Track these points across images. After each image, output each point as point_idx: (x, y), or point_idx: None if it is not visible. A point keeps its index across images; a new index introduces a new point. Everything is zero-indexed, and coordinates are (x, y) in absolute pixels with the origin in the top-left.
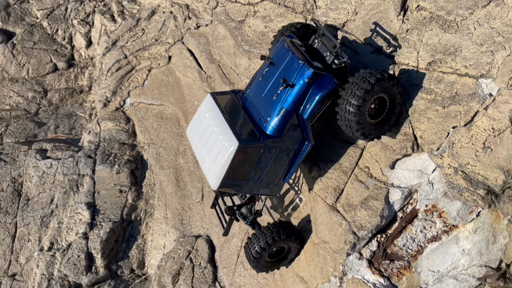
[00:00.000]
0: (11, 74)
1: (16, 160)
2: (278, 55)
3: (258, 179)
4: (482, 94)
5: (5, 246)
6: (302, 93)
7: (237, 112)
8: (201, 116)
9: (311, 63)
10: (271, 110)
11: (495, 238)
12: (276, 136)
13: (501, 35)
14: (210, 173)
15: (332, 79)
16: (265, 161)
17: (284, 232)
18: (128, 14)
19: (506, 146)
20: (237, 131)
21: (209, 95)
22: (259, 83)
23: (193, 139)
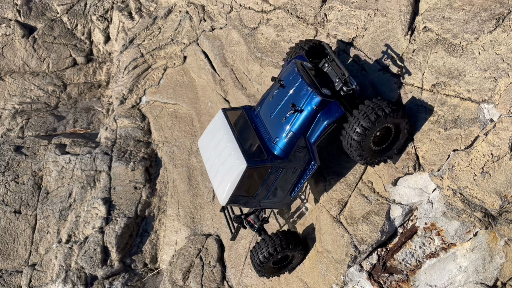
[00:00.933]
0: (32, 68)
1: (37, 154)
2: (288, 78)
3: (265, 196)
4: (483, 119)
5: (25, 237)
6: (309, 119)
7: (247, 130)
8: (212, 131)
9: (320, 90)
10: (279, 132)
11: (491, 258)
12: (284, 157)
13: (505, 62)
14: (219, 189)
15: (339, 107)
16: (272, 180)
17: (290, 241)
18: (145, 12)
19: (504, 172)
20: (246, 150)
21: (220, 111)
22: (270, 103)
23: (204, 153)
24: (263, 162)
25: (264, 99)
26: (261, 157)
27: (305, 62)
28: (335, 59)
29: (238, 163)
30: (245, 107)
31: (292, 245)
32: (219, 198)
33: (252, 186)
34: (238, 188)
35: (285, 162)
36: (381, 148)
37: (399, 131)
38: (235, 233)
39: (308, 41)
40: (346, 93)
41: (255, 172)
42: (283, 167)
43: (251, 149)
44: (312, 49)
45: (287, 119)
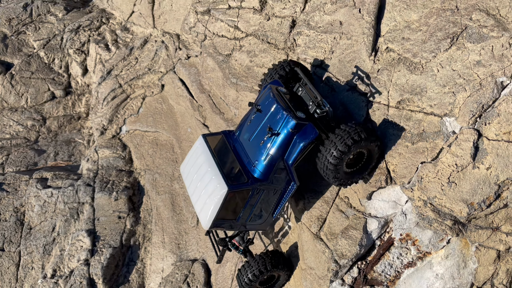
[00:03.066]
0: (11, 104)
1: (18, 190)
2: (264, 103)
3: (248, 218)
4: (446, 132)
5: (10, 275)
6: (286, 141)
7: (227, 155)
8: (193, 157)
9: (295, 114)
10: (258, 155)
11: (465, 264)
12: (263, 179)
13: (462, 77)
14: (201, 214)
15: (314, 129)
16: (253, 202)
17: (275, 262)
18: (121, 43)
19: (468, 181)
20: (227, 175)
21: (201, 137)
22: (248, 127)
23: (186, 179)
24: (243, 185)
25: (242, 124)
26: (241, 181)
27: (280, 87)
28: (308, 83)
29: (219, 187)
30: (224, 131)
31: (277, 265)
32: (202, 222)
33: (234, 209)
34: (220, 212)
35: (265, 184)
36: (353, 170)
37: (371, 154)
38: (220, 256)
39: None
40: (319, 115)
41: (236, 195)
42: (264, 189)
43: (232, 173)
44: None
45: (265, 142)
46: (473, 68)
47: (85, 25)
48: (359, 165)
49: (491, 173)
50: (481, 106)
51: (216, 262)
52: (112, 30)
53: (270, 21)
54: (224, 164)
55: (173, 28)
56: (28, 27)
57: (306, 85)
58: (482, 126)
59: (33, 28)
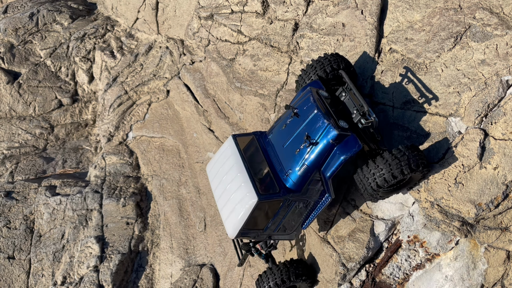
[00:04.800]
0: (19, 113)
1: (27, 198)
2: (303, 107)
3: (276, 228)
4: (452, 132)
5: (20, 282)
6: (325, 153)
7: (258, 159)
8: (222, 158)
9: (337, 123)
10: (292, 164)
11: (475, 265)
12: (296, 191)
13: (466, 77)
14: (228, 222)
15: (357, 142)
16: (283, 213)
17: (298, 272)
18: (126, 50)
19: (476, 181)
20: (257, 183)
21: (230, 137)
22: (282, 132)
23: (213, 181)
24: (274, 195)
25: (276, 127)
26: (272, 190)
27: (321, 90)
28: (353, 88)
29: (249, 196)
30: (256, 133)
31: (301, 275)
32: (228, 231)
33: (262, 220)
34: (248, 222)
35: (298, 196)
36: (391, 188)
37: (412, 180)
38: (242, 259)
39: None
40: (364, 126)
41: (265, 205)
42: (295, 200)
43: (262, 181)
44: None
45: (301, 151)
46: (478, 67)
47: (90, 33)
48: (399, 185)
49: (498, 173)
50: (486, 106)
51: (237, 265)
52: (117, 37)
53: (272, 25)
54: (254, 169)
55: (177, 34)
56: (35, 37)
57: (351, 90)
58: (488, 125)
59: (40, 37)
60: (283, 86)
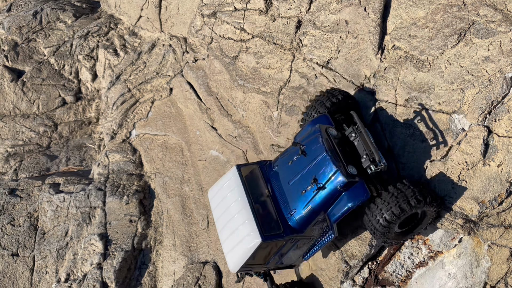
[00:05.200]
0: (23, 111)
1: (31, 196)
2: (311, 147)
3: (278, 262)
4: (456, 129)
5: (24, 279)
6: (332, 198)
7: (263, 193)
8: (225, 189)
9: (345, 169)
10: (297, 204)
11: (478, 262)
12: (300, 231)
13: (470, 74)
14: (229, 256)
15: (365, 190)
16: (285, 250)
17: None
18: (130, 48)
19: (479, 178)
20: (261, 221)
21: (234, 168)
22: (289, 168)
23: (215, 209)
24: (278, 236)
25: (282, 160)
26: (276, 231)
27: (330, 127)
28: (364, 132)
29: (252, 236)
30: (261, 162)
31: None
32: (229, 265)
33: (264, 256)
34: (250, 259)
35: (301, 235)
36: (404, 230)
37: (425, 216)
38: (240, 277)
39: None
40: (373, 172)
41: (268, 245)
42: (298, 239)
43: (266, 219)
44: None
45: (307, 192)
46: (482, 64)
47: (93, 31)
48: (411, 224)
49: (502, 170)
50: (490, 103)
51: (235, 282)
52: (120, 35)
53: (275, 22)
54: (258, 203)
55: (180, 32)
56: (38, 35)
57: (361, 132)
58: (492, 122)
59: (43, 35)
60: (286, 83)
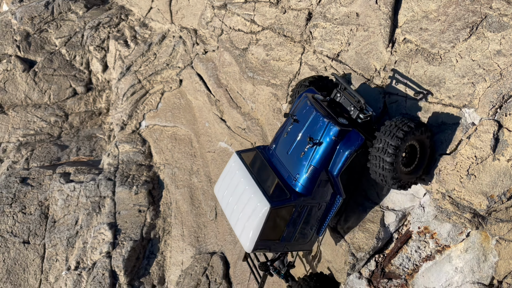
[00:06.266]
0: (34, 100)
1: (42, 184)
2: (301, 113)
3: (292, 237)
4: (465, 124)
5: (35, 266)
6: (330, 151)
7: (265, 170)
8: (228, 176)
9: (336, 120)
10: (299, 168)
11: (485, 257)
12: (307, 194)
13: (481, 67)
14: (242, 237)
15: (359, 135)
16: (297, 219)
17: (318, 285)
18: (140, 39)
19: (488, 173)
20: (267, 191)
21: (235, 154)
22: (285, 140)
23: (223, 200)
24: (286, 201)
25: (278, 137)
26: (283, 197)
27: (317, 94)
28: (347, 87)
29: (260, 205)
30: (259, 147)
31: None
32: (244, 245)
33: (277, 229)
34: (263, 232)
35: (309, 199)
36: (411, 169)
37: (424, 147)
38: (262, 282)
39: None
40: (363, 120)
41: (278, 213)
42: (307, 204)
43: (272, 190)
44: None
45: (305, 153)
46: (493, 57)
47: (104, 22)
48: (415, 162)
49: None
50: (501, 97)
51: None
52: (131, 26)
53: (286, 14)
54: (262, 180)
55: (190, 23)
56: (50, 25)
57: (345, 89)
58: (503, 117)
59: (55, 26)
60: (295, 76)
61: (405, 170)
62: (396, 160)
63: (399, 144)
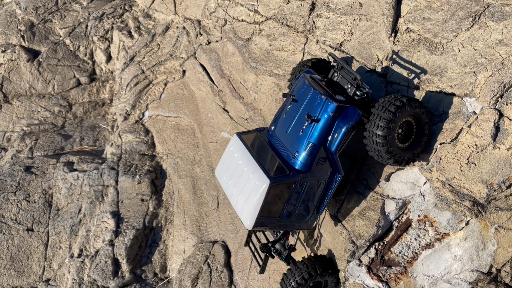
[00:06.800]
0: (38, 90)
1: (46, 173)
2: (299, 92)
3: (291, 215)
4: (467, 112)
5: (39, 254)
6: (327, 127)
7: (265, 150)
8: (229, 157)
9: (334, 97)
10: (298, 145)
11: (484, 245)
12: (306, 170)
13: (483, 57)
14: (243, 214)
15: (356, 111)
16: (296, 197)
17: (320, 267)
18: (144, 30)
19: (488, 161)
20: (267, 169)
21: (235, 135)
22: (283, 119)
23: (223, 181)
24: (285, 177)
25: (277, 118)
26: (283, 173)
27: (314, 74)
28: (344, 65)
29: (260, 182)
30: (258, 129)
31: (320, 270)
32: (245, 223)
33: (277, 206)
34: (263, 208)
35: (308, 176)
36: (407, 145)
37: (420, 123)
38: (263, 264)
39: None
40: (360, 97)
41: (278, 189)
42: (307, 181)
43: (272, 167)
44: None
45: (304, 131)
46: (495, 47)
47: (108, 12)
48: (411, 138)
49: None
50: (502, 86)
51: (259, 273)
52: (134, 17)
53: (289, 4)
54: (262, 159)
55: (194, 14)
56: (54, 15)
57: (342, 68)
58: (504, 106)
59: (59, 16)
60: None
61: (402, 146)
62: (389, 134)
63: (391, 118)
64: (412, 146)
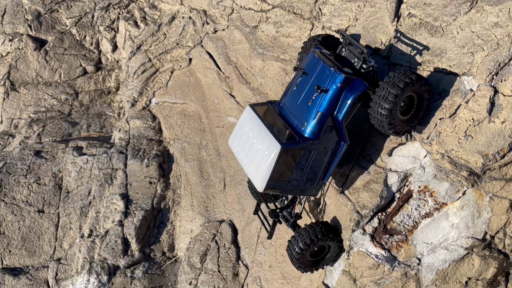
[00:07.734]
0: (45, 79)
1: (56, 157)
2: (309, 65)
3: (300, 180)
4: (464, 90)
5: (49, 234)
6: (335, 97)
7: (276, 120)
8: (242, 126)
9: (342, 69)
10: (307, 115)
11: (479, 213)
12: (314, 138)
13: (480, 38)
14: (255, 177)
15: (362, 82)
16: (305, 162)
17: (321, 232)
18: (150, 20)
19: (484, 134)
20: (278, 136)
21: (248, 106)
22: (294, 92)
23: (236, 149)
24: (295, 144)
25: (288, 90)
26: (293, 140)
27: (324, 49)
28: (351, 40)
29: (272, 147)
30: (270, 101)
31: (321, 235)
32: (256, 185)
33: (286, 171)
34: (274, 172)
35: (316, 143)
36: (407, 118)
37: (421, 98)
38: (271, 230)
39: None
40: (366, 70)
41: (288, 155)
42: (315, 148)
43: (283, 135)
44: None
45: (313, 101)
46: (491, 29)
47: (114, 3)
48: (411, 111)
49: (505, 127)
50: (497, 64)
51: (267, 238)
52: (140, 7)
53: None
54: (274, 127)
55: (199, 5)
56: (61, 5)
57: (350, 44)
58: (498, 83)
59: (66, 6)
60: None
61: (402, 118)
62: (394, 107)
63: (399, 93)
64: (411, 119)
